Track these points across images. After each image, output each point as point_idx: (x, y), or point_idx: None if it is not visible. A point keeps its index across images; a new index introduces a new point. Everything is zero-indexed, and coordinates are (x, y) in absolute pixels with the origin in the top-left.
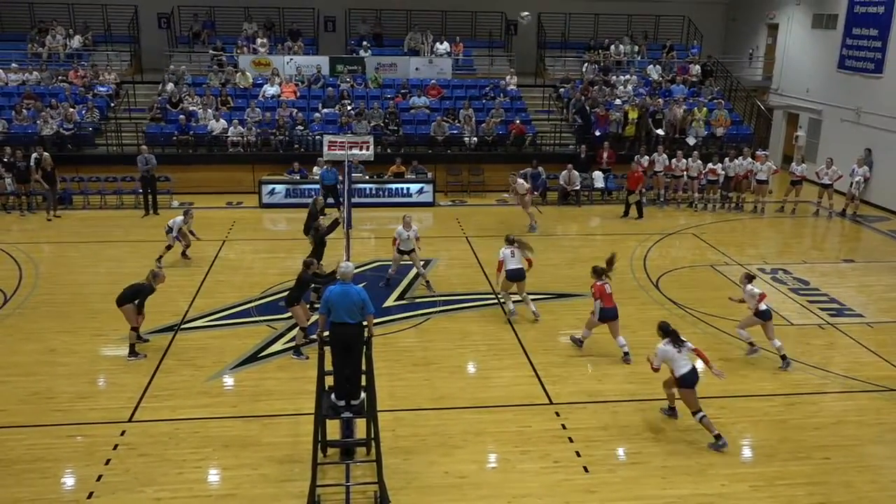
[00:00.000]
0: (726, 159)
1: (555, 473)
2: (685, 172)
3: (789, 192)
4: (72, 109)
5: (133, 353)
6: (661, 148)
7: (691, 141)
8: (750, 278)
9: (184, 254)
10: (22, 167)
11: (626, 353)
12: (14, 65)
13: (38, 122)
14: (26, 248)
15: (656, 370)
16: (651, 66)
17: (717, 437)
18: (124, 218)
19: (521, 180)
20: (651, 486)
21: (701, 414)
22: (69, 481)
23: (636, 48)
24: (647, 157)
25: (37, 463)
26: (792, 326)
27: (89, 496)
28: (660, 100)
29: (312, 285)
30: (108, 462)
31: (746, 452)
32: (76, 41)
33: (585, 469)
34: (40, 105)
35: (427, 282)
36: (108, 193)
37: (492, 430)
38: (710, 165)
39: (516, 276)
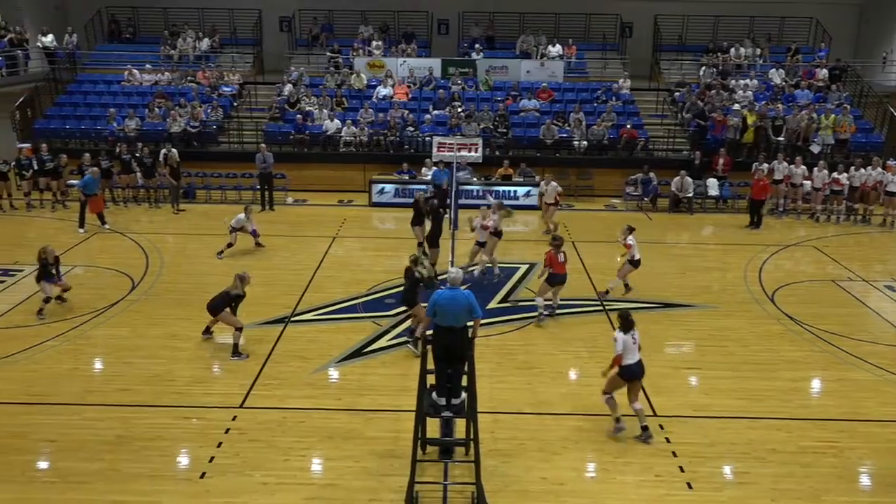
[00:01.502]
0: (852, 168)
1: (656, 487)
2: (808, 182)
3: None
4: (198, 108)
5: (237, 352)
6: (782, 156)
7: (815, 149)
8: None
9: (257, 243)
10: (149, 163)
11: (540, 315)
12: (148, 66)
13: (167, 120)
14: (153, 239)
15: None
16: (774, 69)
17: (617, 419)
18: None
19: (554, 183)
20: None
21: (609, 396)
22: (184, 460)
23: (758, 51)
24: (766, 165)
25: (155, 441)
26: None
27: (202, 476)
28: (780, 105)
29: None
30: (219, 445)
31: (865, 480)
32: (204, 44)
33: (689, 485)
34: (170, 104)
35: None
36: (228, 189)
37: (592, 439)
38: (834, 175)
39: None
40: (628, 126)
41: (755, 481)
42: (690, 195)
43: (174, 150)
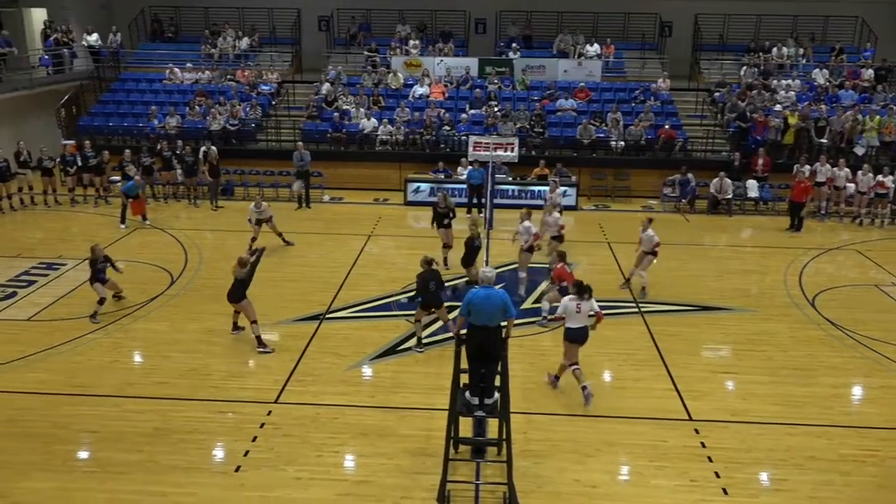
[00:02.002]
0: None
1: (691, 493)
2: (851, 185)
3: None
4: (238, 107)
5: (262, 344)
6: (824, 157)
7: (860, 151)
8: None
9: (284, 241)
10: (190, 162)
11: (544, 318)
12: (189, 64)
13: (207, 117)
14: (192, 235)
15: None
16: (817, 69)
17: (584, 387)
18: (279, 210)
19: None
20: None
21: (576, 367)
22: (219, 454)
23: (801, 50)
24: (808, 167)
25: (192, 434)
26: None
27: (237, 469)
28: (824, 106)
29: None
30: (254, 439)
31: None
32: (244, 43)
33: (725, 491)
34: (210, 102)
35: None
36: (265, 186)
37: (626, 442)
38: (879, 178)
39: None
40: (666, 126)
41: (793, 489)
42: (729, 197)
43: (213, 148)
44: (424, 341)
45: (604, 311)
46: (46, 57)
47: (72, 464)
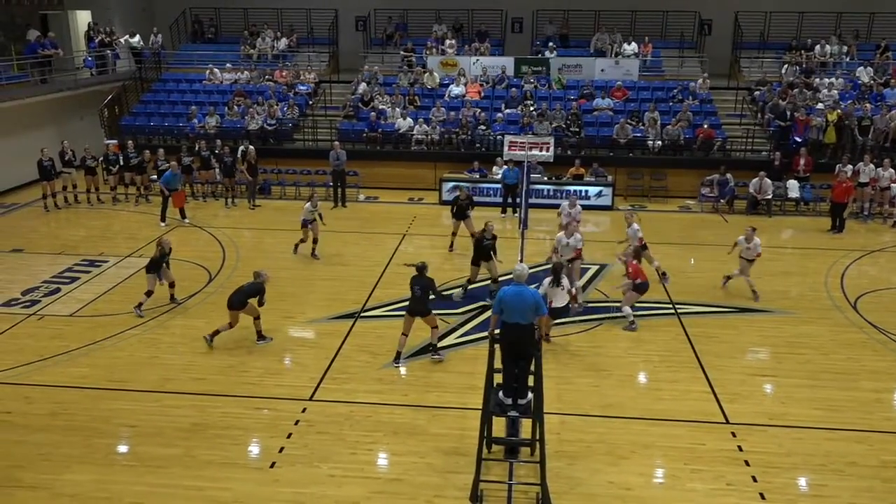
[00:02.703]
0: None
1: (727, 496)
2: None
3: None
4: (275, 106)
5: (262, 336)
6: (868, 157)
7: None
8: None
9: (313, 253)
10: (229, 162)
11: (631, 322)
12: (228, 65)
13: (245, 117)
14: (230, 233)
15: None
16: (861, 67)
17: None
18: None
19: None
20: None
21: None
22: (255, 450)
23: (844, 48)
24: (850, 167)
25: (228, 430)
26: None
27: (272, 465)
28: (868, 104)
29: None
30: (289, 436)
31: None
32: (282, 43)
33: (762, 496)
34: (249, 102)
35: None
36: (302, 185)
37: (661, 444)
38: None
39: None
40: (705, 126)
41: (833, 494)
42: (769, 197)
43: (252, 147)
44: (459, 340)
45: (639, 312)
46: (90, 58)
47: (112, 457)
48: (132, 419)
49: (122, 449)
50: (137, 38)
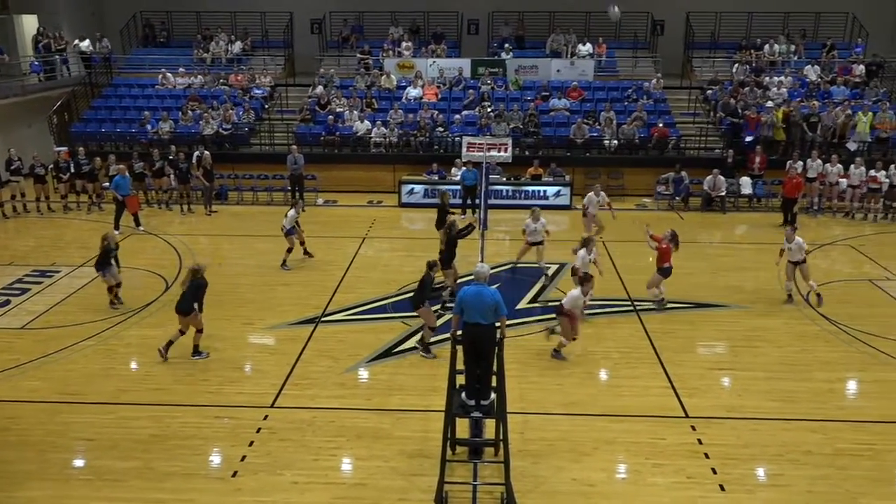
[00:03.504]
0: (891, 167)
1: (688, 489)
2: (843, 179)
3: None
4: (231, 111)
5: (197, 352)
6: (816, 153)
7: (852, 146)
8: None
9: (305, 252)
10: (184, 168)
11: (663, 302)
12: (181, 69)
13: (200, 122)
14: (186, 240)
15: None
16: (809, 66)
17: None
18: (273, 213)
19: (603, 193)
20: None
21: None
22: (216, 460)
23: (793, 47)
24: (800, 163)
25: (188, 440)
26: None
27: (234, 475)
28: (816, 102)
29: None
30: (251, 444)
31: None
32: (237, 46)
33: (722, 487)
34: (203, 106)
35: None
36: (259, 190)
37: (623, 440)
38: (871, 173)
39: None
40: (660, 125)
41: (790, 483)
42: (723, 194)
43: (207, 153)
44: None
45: (600, 311)
46: (37, 63)
47: (68, 472)
48: (88, 432)
49: (79, 463)
50: (87, 42)
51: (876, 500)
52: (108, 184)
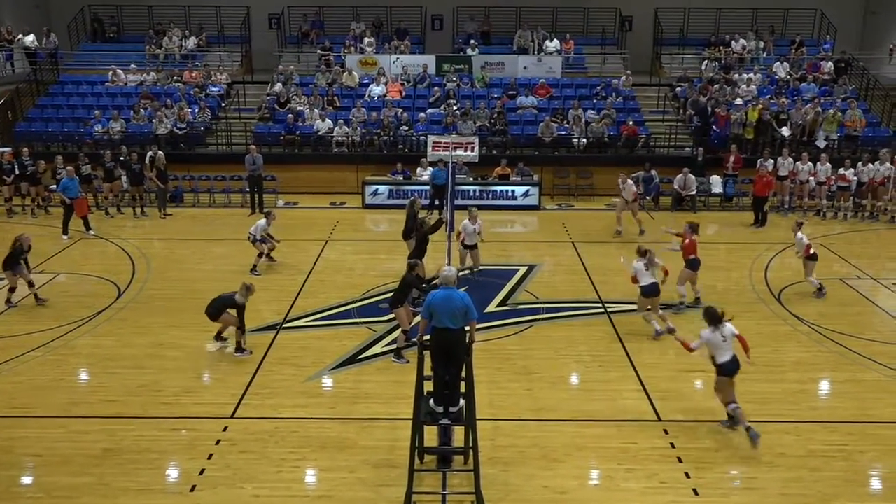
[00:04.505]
0: (859, 164)
1: (662, 494)
2: (813, 177)
3: None
4: (185, 109)
5: (240, 349)
6: (786, 151)
7: (821, 143)
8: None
9: (269, 256)
10: (136, 169)
11: (697, 300)
12: (133, 66)
13: (153, 121)
14: (139, 245)
15: (691, 350)
16: (777, 63)
17: (748, 428)
18: (231, 216)
19: (630, 181)
20: None
21: (735, 405)
22: (173, 474)
23: (761, 44)
24: (770, 162)
25: (143, 454)
26: None
27: (192, 489)
28: (784, 99)
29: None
30: (210, 457)
31: (875, 484)
32: (191, 42)
33: (695, 492)
34: (156, 105)
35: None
36: (216, 192)
37: (595, 445)
38: (840, 170)
39: (651, 291)
40: (629, 122)
41: (763, 486)
42: (693, 193)
43: (161, 153)
44: (387, 348)
45: (570, 313)
46: None
47: (15, 490)
48: (37, 448)
49: (27, 480)
50: (32, 37)
51: (848, 502)
52: (54, 186)
